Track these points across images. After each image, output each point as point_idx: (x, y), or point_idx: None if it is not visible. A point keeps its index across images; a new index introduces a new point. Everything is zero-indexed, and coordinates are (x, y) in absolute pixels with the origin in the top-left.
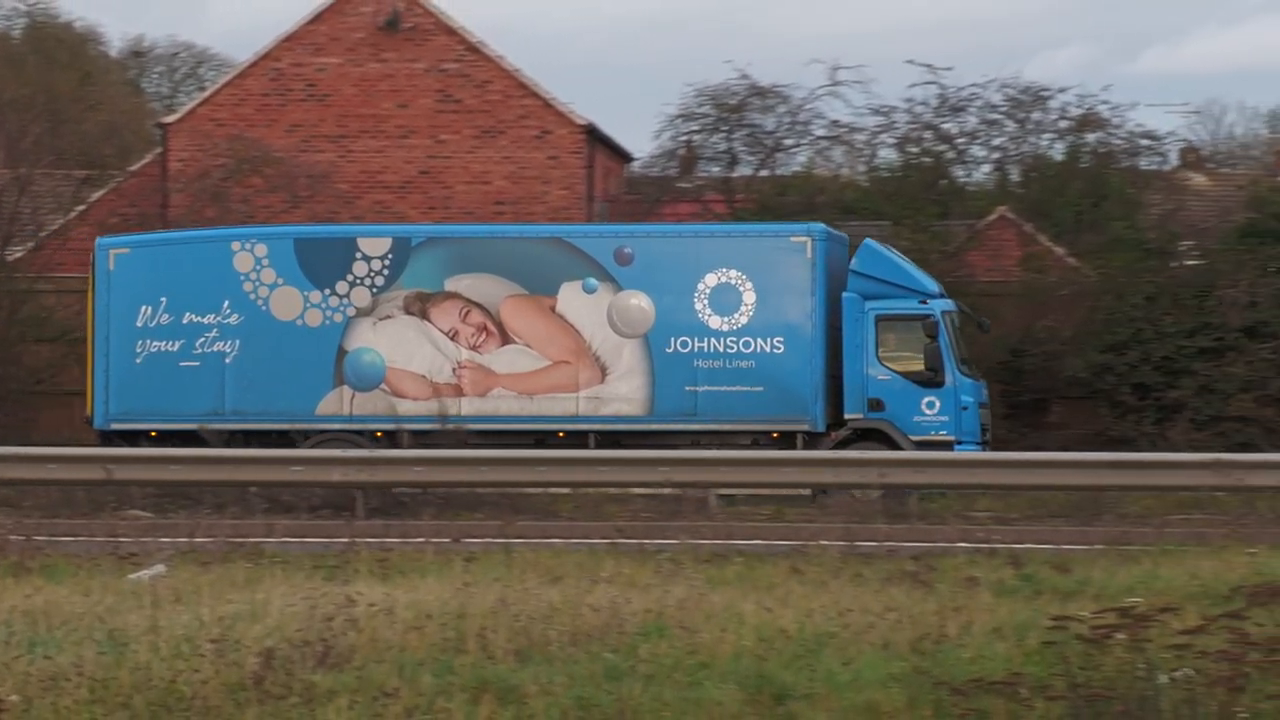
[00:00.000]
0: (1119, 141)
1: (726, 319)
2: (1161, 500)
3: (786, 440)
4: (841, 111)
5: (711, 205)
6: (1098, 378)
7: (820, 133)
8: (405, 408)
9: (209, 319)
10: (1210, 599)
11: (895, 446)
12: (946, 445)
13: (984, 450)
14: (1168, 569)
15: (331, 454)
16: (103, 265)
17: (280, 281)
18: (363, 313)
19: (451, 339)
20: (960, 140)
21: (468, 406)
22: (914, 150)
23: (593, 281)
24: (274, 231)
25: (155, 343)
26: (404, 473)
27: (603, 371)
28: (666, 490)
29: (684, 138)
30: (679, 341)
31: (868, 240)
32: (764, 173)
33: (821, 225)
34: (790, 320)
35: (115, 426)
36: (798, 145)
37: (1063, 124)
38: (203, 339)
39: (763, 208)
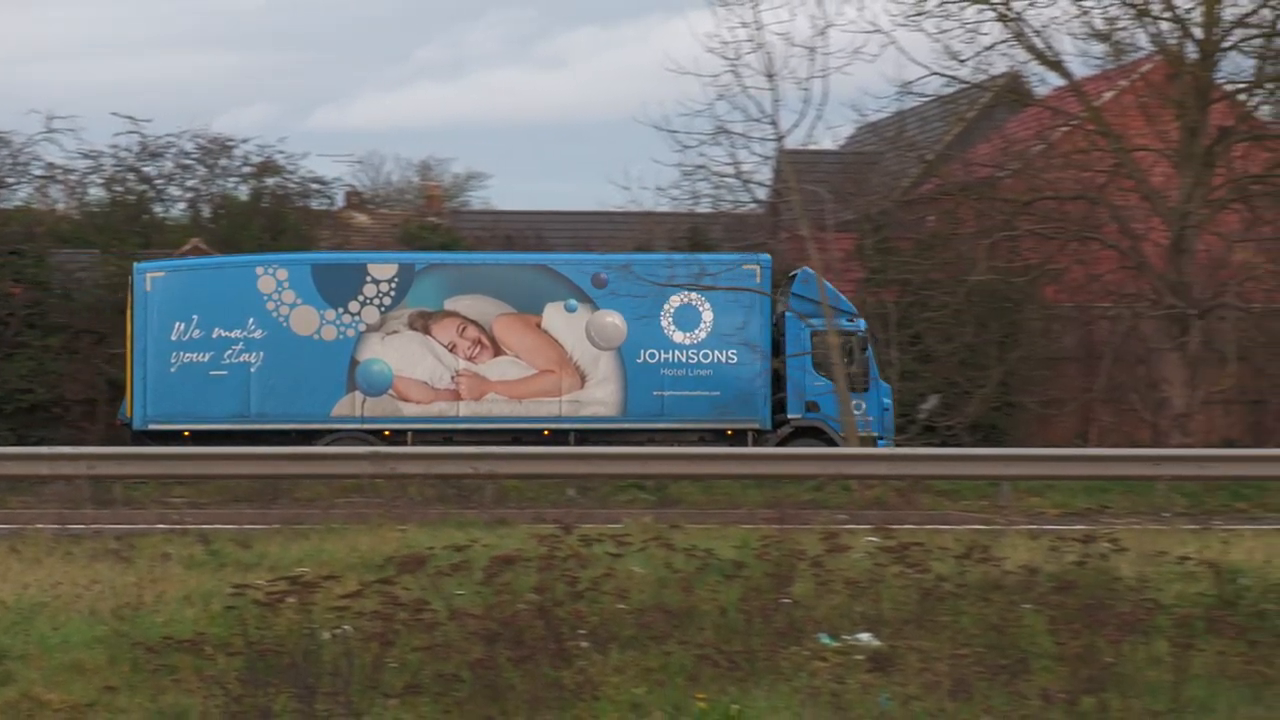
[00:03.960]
0: (294, 185)
1: (688, 334)
2: (329, 486)
3: (739, 437)
4: (57, 155)
5: None
6: None
7: (38, 172)
8: (410, 410)
9: (236, 334)
10: (367, 568)
11: (830, 442)
12: (871, 441)
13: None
14: (332, 544)
15: None
16: (140, 286)
17: (299, 301)
18: (372, 328)
19: (450, 351)
20: (159, 181)
21: (465, 409)
22: (119, 189)
23: (573, 302)
24: (294, 258)
25: (188, 354)
26: None
27: (582, 379)
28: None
29: None
30: (648, 353)
31: (805, 269)
32: None
33: (768, 256)
34: (742, 335)
35: (152, 427)
36: (19, 182)
37: (246, 169)
38: (230, 351)
39: None
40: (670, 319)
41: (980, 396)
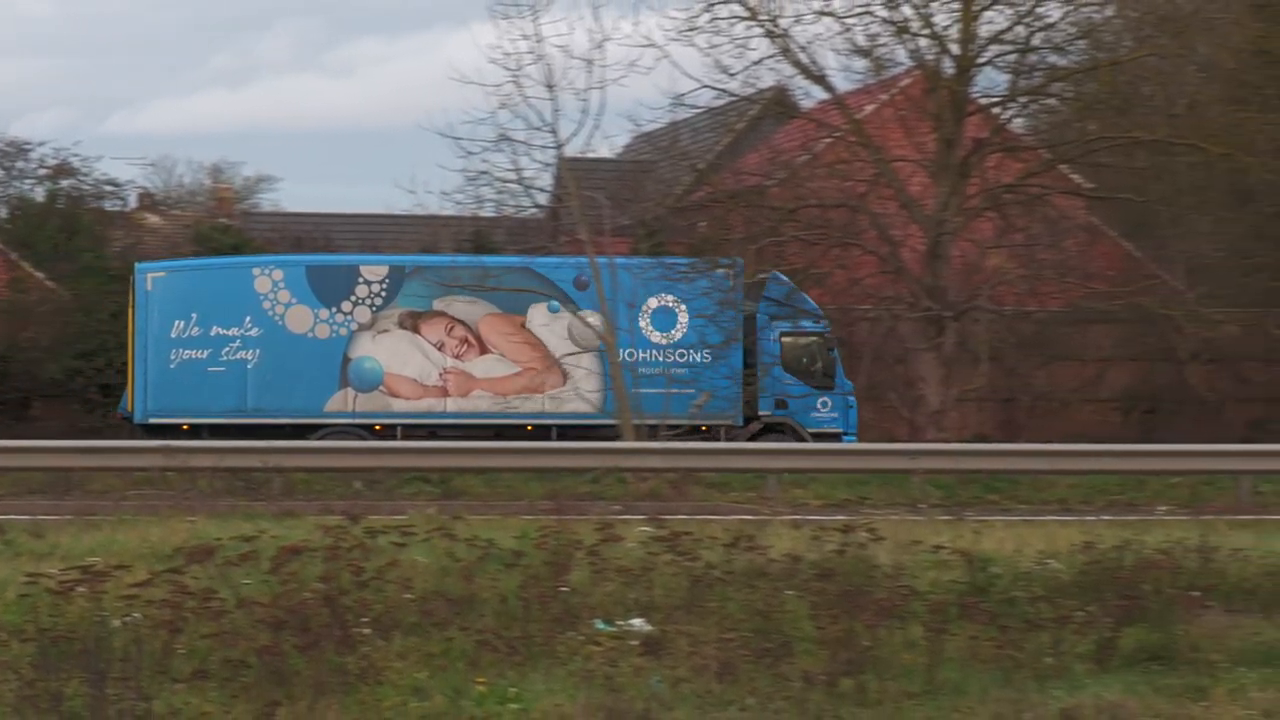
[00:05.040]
0: (88, 187)
1: (665, 334)
2: (121, 478)
3: (713, 433)
4: None
5: None
6: (70, 380)
7: None
8: (399, 406)
9: (233, 332)
10: (157, 558)
11: (799, 437)
12: (836, 437)
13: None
14: (124, 535)
15: None
16: (141, 286)
17: (294, 301)
18: (364, 327)
19: (439, 349)
20: None
21: (452, 405)
22: None
23: (556, 304)
24: (289, 260)
25: (187, 351)
26: None
27: (564, 377)
28: None
29: None
30: (626, 352)
31: (775, 273)
32: None
33: (741, 260)
34: (716, 336)
35: (153, 421)
36: None
37: (41, 172)
38: (228, 348)
39: None
40: (648, 320)
41: (749, 394)
